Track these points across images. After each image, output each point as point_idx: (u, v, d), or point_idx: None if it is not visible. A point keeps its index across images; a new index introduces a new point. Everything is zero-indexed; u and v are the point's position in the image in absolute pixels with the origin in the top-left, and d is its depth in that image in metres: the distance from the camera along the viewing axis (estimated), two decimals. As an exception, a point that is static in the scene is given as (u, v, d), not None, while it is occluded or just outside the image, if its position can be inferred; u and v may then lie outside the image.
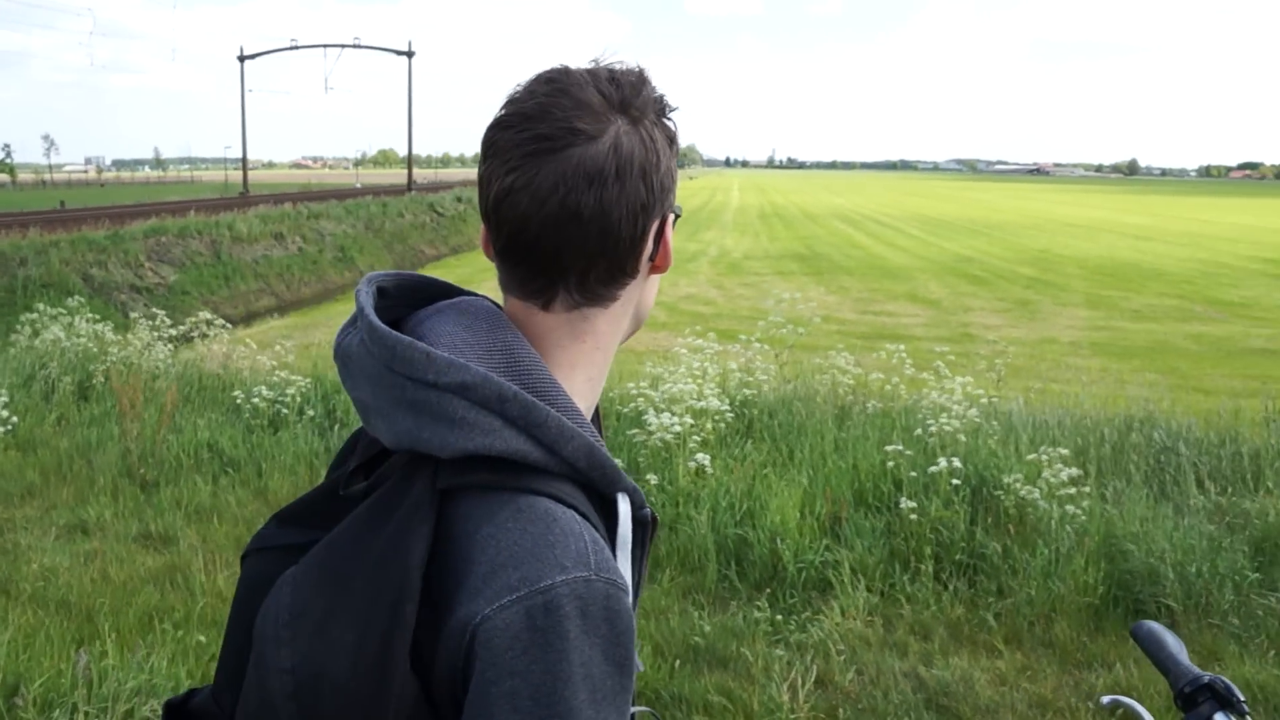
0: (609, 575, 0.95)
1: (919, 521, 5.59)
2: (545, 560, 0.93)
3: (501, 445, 0.98)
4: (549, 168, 1.03)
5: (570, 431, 1.00)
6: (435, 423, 0.99)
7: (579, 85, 1.06)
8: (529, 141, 1.04)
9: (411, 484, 1.00)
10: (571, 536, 0.96)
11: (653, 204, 1.09)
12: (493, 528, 0.96)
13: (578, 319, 1.11)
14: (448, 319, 1.09)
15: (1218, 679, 1.43)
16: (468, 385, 0.98)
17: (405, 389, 1.00)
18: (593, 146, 1.04)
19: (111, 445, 7.63)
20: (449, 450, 0.98)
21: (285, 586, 1.02)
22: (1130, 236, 50.43)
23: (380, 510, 1.00)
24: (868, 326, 21.04)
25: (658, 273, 1.18)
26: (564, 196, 1.03)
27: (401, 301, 1.15)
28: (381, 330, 1.02)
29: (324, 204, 41.72)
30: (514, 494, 0.98)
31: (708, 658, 4.71)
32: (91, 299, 21.15)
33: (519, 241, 1.06)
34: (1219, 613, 4.94)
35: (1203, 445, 7.02)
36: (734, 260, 35.21)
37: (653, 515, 1.11)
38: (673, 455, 6.52)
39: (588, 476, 1.02)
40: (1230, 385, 14.68)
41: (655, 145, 1.08)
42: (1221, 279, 31.52)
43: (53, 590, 5.37)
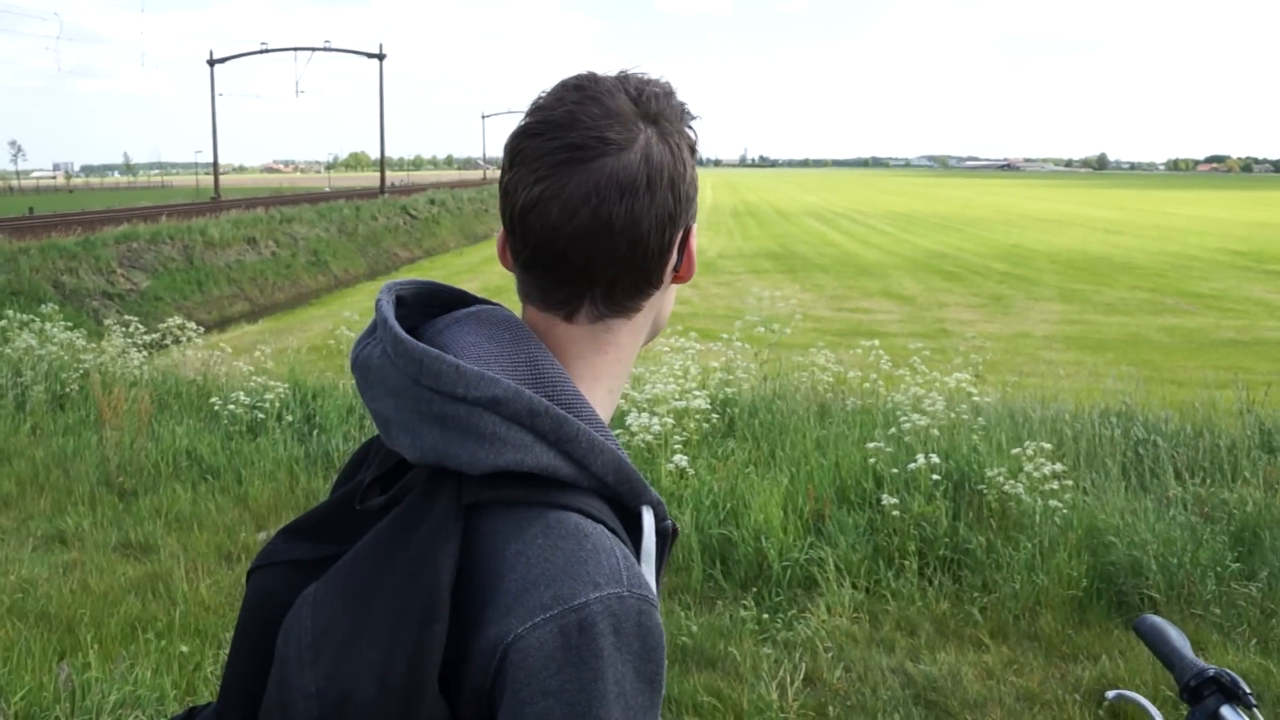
0: (641, 591, 0.94)
1: (902, 517, 5.61)
2: (579, 577, 0.92)
3: (533, 461, 0.96)
4: (580, 178, 1.01)
5: (600, 446, 0.99)
6: (464, 438, 0.96)
7: (609, 93, 1.05)
8: (559, 150, 1.02)
9: (435, 499, 0.98)
10: (604, 552, 0.94)
11: (679, 214, 1.07)
12: (521, 544, 0.95)
13: (601, 330, 1.09)
14: (469, 329, 1.07)
15: (1223, 671, 1.43)
16: (499, 400, 0.96)
17: (432, 403, 0.98)
18: (624, 156, 1.02)
19: (89, 454, 7.56)
20: (479, 466, 0.96)
21: (306, 606, 0.99)
22: (1101, 230, 50.74)
23: (403, 526, 0.98)
24: (843, 324, 21.08)
25: (680, 282, 1.16)
26: (596, 207, 1.01)
27: (418, 310, 1.13)
28: (409, 343, 1.00)
29: (296, 208, 41.50)
30: (542, 509, 0.96)
31: (696, 658, 4.71)
32: (63, 306, 20.99)
33: (546, 252, 1.04)
34: (1201, 603, 4.98)
35: (1180, 437, 7.07)
36: (709, 259, 35.18)
37: (674, 526, 1.10)
38: (655, 456, 6.51)
39: (615, 490, 1.01)
40: (1203, 376, 14.75)
41: (682, 155, 1.07)
42: (1192, 271, 31.75)
43: (32, 602, 5.30)
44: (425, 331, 1.10)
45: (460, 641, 0.93)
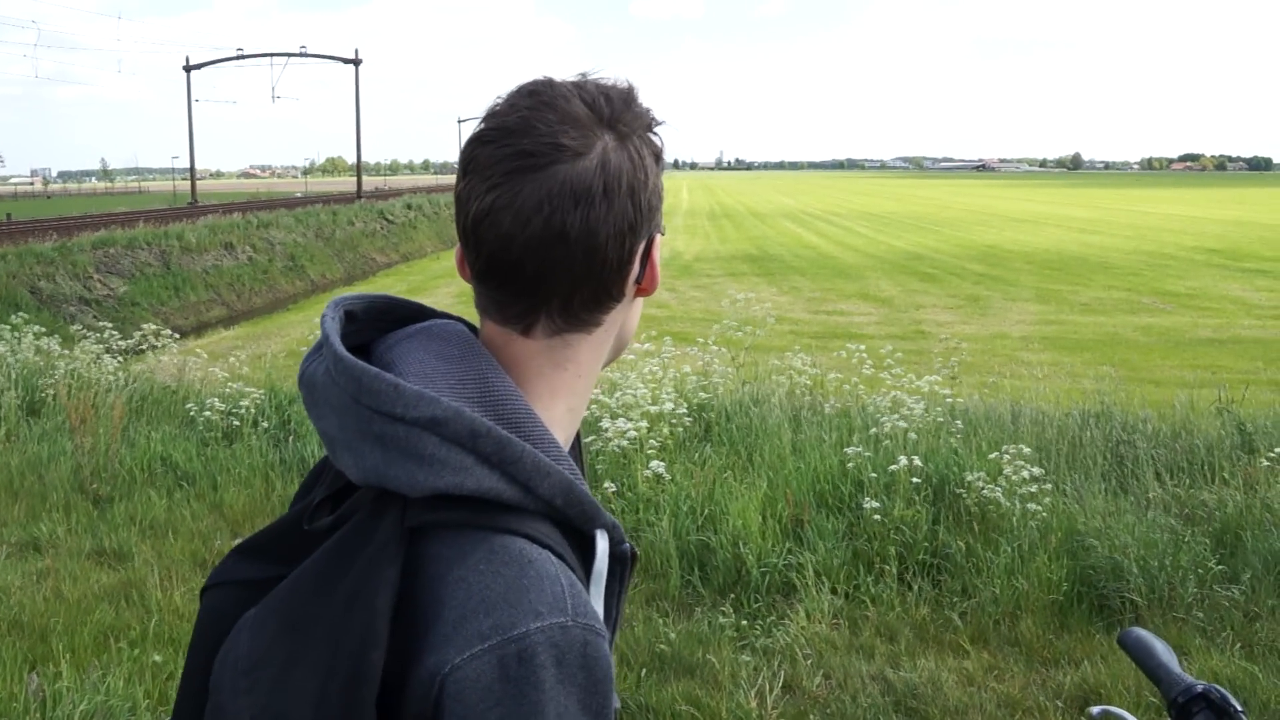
0: (586, 620, 0.90)
1: (881, 522, 5.59)
2: (519, 606, 0.88)
3: (473, 484, 0.92)
4: (533, 186, 0.97)
5: (546, 468, 0.95)
6: (404, 459, 0.93)
7: (564, 98, 1.01)
8: (511, 158, 0.98)
9: (379, 521, 0.94)
10: (547, 580, 0.90)
11: (640, 224, 1.03)
12: (464, 570, 0.91)
13: (559, 345, 1.06)
14: (419, 345, 1.04)
15: (1212, 688, 1.40)
16: (438, 420, 0.92)
17: (372, 422, 0.94)
18: (579, 163, 0.98)
19: (63, 460, 7.49)
20: (417, 489, 0.92)
21: (244, 632, 0.96)
22: (1076, 230, 50.99)
23: (345, 549, 0.94)
24: (821, 326, 21.10)
25: (644, 295, 1.12)
26: (549, 216, 0.97)
27: (370, 325, 1.10)
28: (347, 360, 0.97)
29: (273, 213, 41.39)
30: (487, 533, 0.93)
31: (674, 665, 4.68)
32: (39, 311, 20.85)
33: (500, 263, 1.00)
34: (1183, 606, 4.96)
35: (1159, 438, 7.07)
36: (686, 263, 35.20)
37: (632, 550, 1.06)
38: (631, 461, 6.48)
39: (565, 514, 0.97)
40: (1181, 376, 14.84)
41: (644, 162, 1.03)
42: (1168, 270, 31.91)
43: (4, 610, 5.26)
44: (377, 348, 1.07)
45: (400, 670, 0.89)
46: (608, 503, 6.15)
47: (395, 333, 1.08)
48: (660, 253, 1.08)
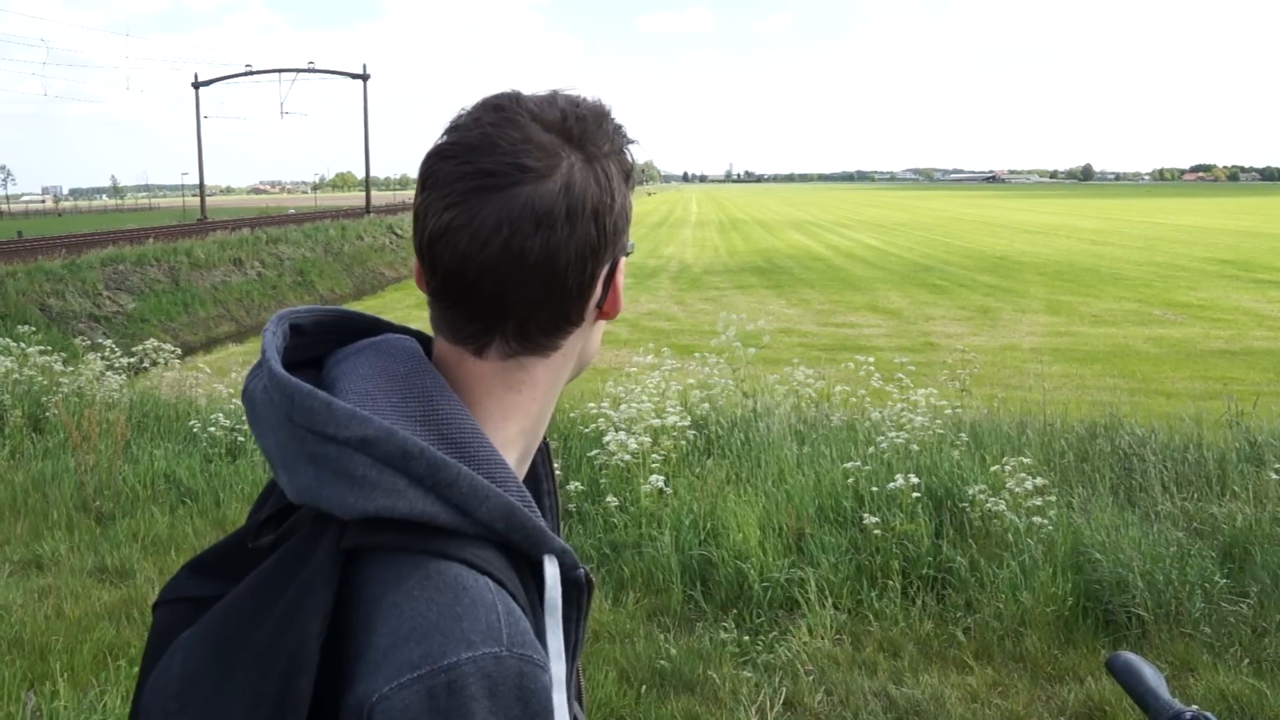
0: (523, 651, 0.86)
1: (884, 536, 5.54)
2: (450, 635, 0.84)
3: (405, 507, 0.88)
4: (492, 206, 0.94)
5: (485, 491, 0.91)
6: (335, 480, 0.90)
7: (529, 115, 0.98)
8: (471, 176, 0.95)
9: (316, 542, 0.91)
10: (481, 607, 0.86)
11: (604, 248, 1.00)
12: (398, 595, 0.87)
13: (514, 367, 1.02)
14: (364, 361, 1.01)
15: (1201, 715, 1.37)
16: (369, 440, 0.89)
17: (305, 441, 0.91)
18: (542, 185, 0.95)
19: (67, 478, 7.49)
20: (349, 511, 0.89)
21: (178, 654, 0.93)
22: (1087, 241, 50.89)
23: (281, 570, 0.91)
24: (829, 339, 21.07)
25: (605, 319, 1.08)
26: (508, 238, 0.94)
27: (321, 339, 1.07)
28: (281, 377, 0.94)
29: (282, 228, 41.56)
30: (423, 558, 0.89)
31: (674, 682, 4.63)
32: (49, 328, 20.93)
33: (455, 283, 0.97)
34: (1190, 621, 4.89)
35: (1167, 450, 7.01)
36: (694, 275, 35.24)
37: (587, 576, 1.02)
38: (633, 475, 6.45)
39: (508, 539, 0.93)
40: (1191, 388, 14.78)
41: (610, 184, 1.00)
42: (1179, 281, 31.81)
43: (5, 629, 5.25)
44: (328, 361, 1.04)
45: (332, 696, 0.86)
46: (609, 517, 6.12)
47: (345, 348, 1.05)
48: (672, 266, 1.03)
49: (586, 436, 7.38)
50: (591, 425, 7.35)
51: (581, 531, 6.14)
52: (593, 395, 8.25)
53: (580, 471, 6.80)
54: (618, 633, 5.10)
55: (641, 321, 23.90)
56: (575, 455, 7.18)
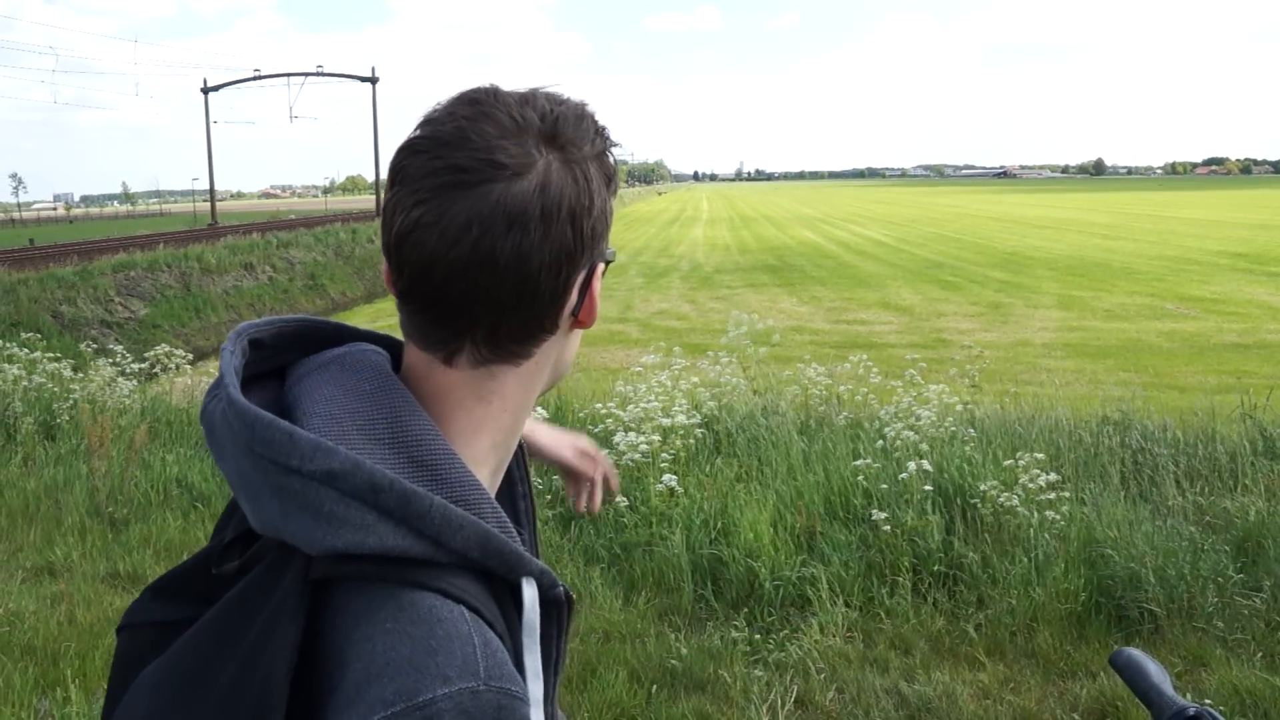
0: (501, 684, 0.82)
1: (895, 533, 5.52)
2: (425, 670, 0.80)
3: (375, 542, 0.85)
4: (463, 204, 0.90)
5: (458, 521, 0.87)
6: (300, 514, 0.86)
7: (507, 110, 0.94)
8: (442, 171, 0.91)
9: (283, 571, 0.87)
10: (457, 640, 0.82)
11: (580, 253, 0.96)
12: (370, 628, 0.84)
13: (484, 377, 0.99)
14: (328, 380, 0.97)
15: (1205, 711, 1.35)
16: (334, 474, 0.85)
17: (268, 472, 0.87)
18: (516, 184, 0.91)
19: (79, 484, 7.50)
20: (315, 546, 0.85)
21: (143, 692, 0.90)
22: (1099, 235, 50.72)
23: (247, 600, 0.88)
24: (841, 336, 21.02)
25: (581, 328, 1.04)
26: (478, 239, 0.90)
27: (284, 350, 1.03)
28: (240, 405, 0.90)
29: (293, 232, 41.67)
30: (395, 588, 0.85)
31: (685, 681, 4.62)
32: (61, 335, 21.01)
33: (423, 285, 0.93)
34: (1203, 616, 4.86)
35: (1180, 444, 6.98)
36: (706, 274, 35.21)
37: (567, 594, 0.99)
38: (644, 475, 6.44)
39: (485, 565, 0.89)
40: (1205, 382, 14.72)
41: (590, 186, 0.96)
42: (1191, 275, 31.67)
43: (18, 635, 5.24)
44: (289, 377, 1.00)
45: None
46: (620, 517, 6.12)
47: (307, 361, 1.02)
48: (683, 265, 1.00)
49: (596, 436, 7.37)
50: (601, 425, 7.35)
51: (592, 532, 6.14)
52: (602, 395, 8.25)
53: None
54: (629, 632, 5.08)
55: (653, 321, 23.89)
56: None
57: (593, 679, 4.62)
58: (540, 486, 6.55)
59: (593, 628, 5.15)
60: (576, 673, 4.69)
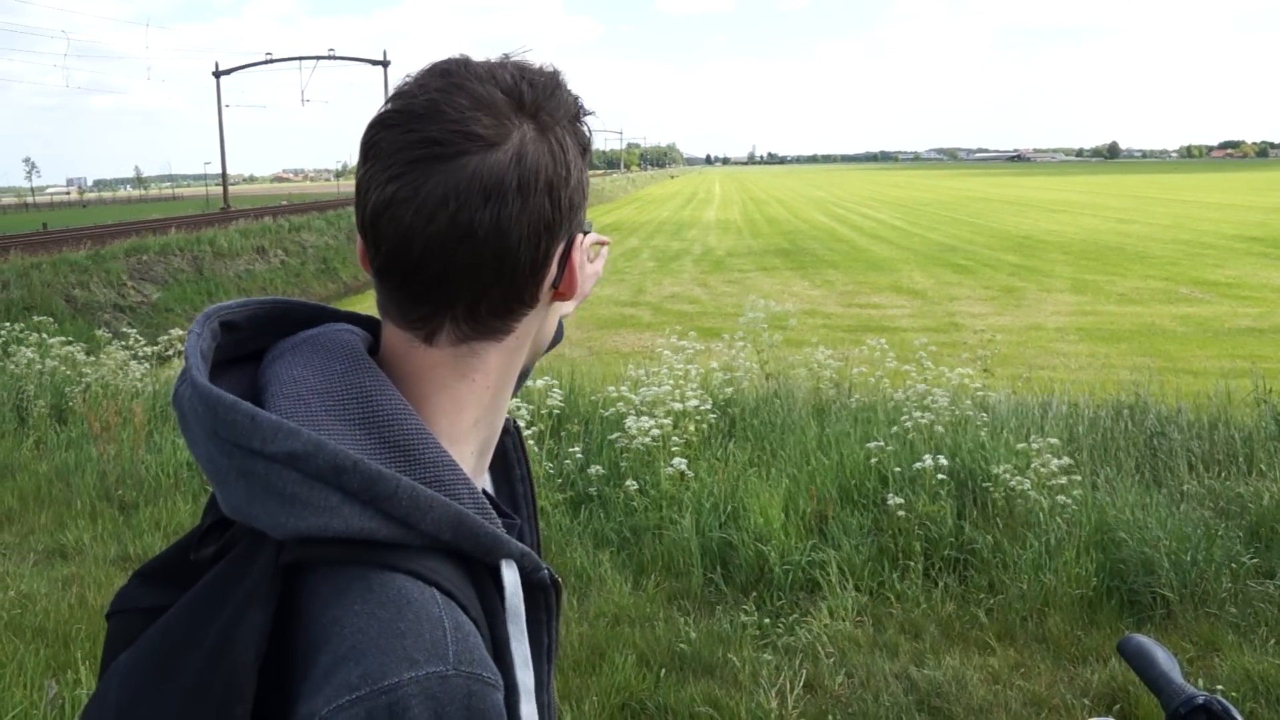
0: (471, 669, 0.80)
1: (906, 517, 5.50)
2: (392, 653, 0.78)
3: (340, 525, 0.82)
4: (438, 177, 0.88)
5: (428, 502, 0.85)
6: (265, 497, 0.84)
7: (480, 81, 0.91)
8: (416, 145, 0.89)
9: (254, 556, 0.86)
10: (426, 623, 0.81)
11: (559, 224, 0.94)
12: (339, 610, 0.82)
13: (465, 354, 0.96)
14: (300, 360, 0.95)
15: (1214, 699, 1.32)
16: (297, 455, 0.83)
17: (233, 456, 0.85)
18: (492, 155, 0.89)
19: (90, 468, 7.53)
20: (280, 530, 0.83)
21: (115, 678, 0.90)
22: (1113, 219, 50.45)
23: (219, 587, 0.87)
24: (853, 320, 20.96)
25: (562, 300, 1.02)
26: (455, 212, 0.88)
27: (260, 333, 1.01)
28: (203, 388, 0.88)
29: (305, 216, 41.70)
30: (365, 570, 0.83)
31: (694, 665, 4.61)
32: (74, 319, 21.07)
33: (399, 262, 0.91)
34: (1216, 601, 4.84)
35: (1194, 429, 6.94)
36: (718, 258, 35.14)
37: (552, 577, 0.96)
38: (655, 459, 6.43)
39: (458, 547, 0.88)
40: (1219, 366, 14.64)
41: (566, 156, 0.94)
42: (1206, 259, 31.48)
43: (29, 617, 5.26)
44: (263, 362, 0.98)
45: (281, 715, 0.81)
46: (630, 500, 6.11)
47: (281, 343, 0.99)
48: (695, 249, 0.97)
49: (607, 420, 7.36)
50: (612, 408, 7.33)
51: (602, 515, 6.13)
52: (613, 379, 8.23)
53: (601, 455, 6.78)
54: (637, 616, 5.08)
55: (665, 305, 23.85)
56: (596, 439, 7.16)
57: (601, 662, 4.61)
58: (551, 471, 6.55)
59: (602, 611, 5.15)
60: (585, 656, 4.69)
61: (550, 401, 6.93)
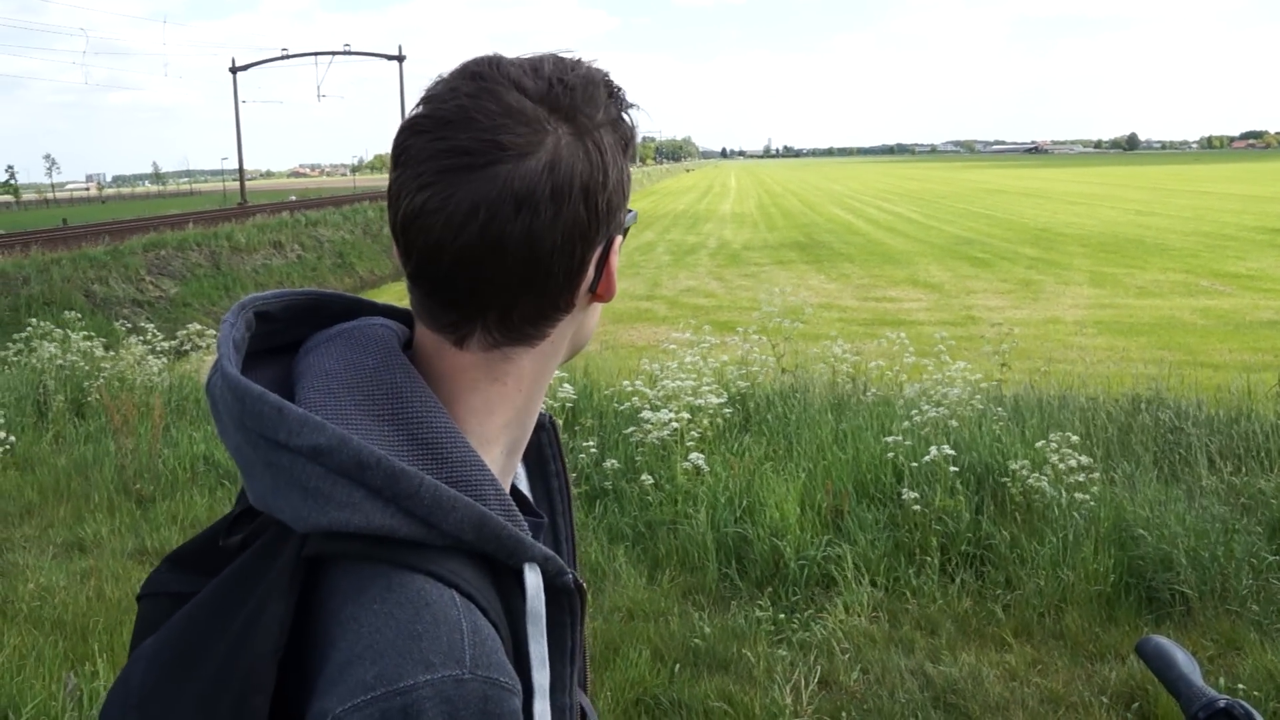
0: (488, 673, 0.79)
1: (923, 512, 5.48)
2: (408, 655, 0.78)
3: (360, 521, 0.82)
4: (468, 188, 0.86)
5: (450, 502, 0.84)
6: (289, 490, 0.84)
7: (512, 84, 0.89)
8: (445, 154, 0.87)
9: (280, 548, 0.86)
10: (444, 625, 0.80)
11: (596, 229, 0.92)
12: (357, 608, 0.81)
13: (497, 359, 0.95)
14: (333, 353, 0.94)
15: (1235, 703, 1.30)
16: (320, 449, 0.82)
17: (259, 447, 0.85)
18: (524, 164, 0.86)
19: (108, 461, 7.57)
20: (302, 523, 0.83)
21: (139, 663, 0.90)
22: (1132, 211, 50.18)
23: (244, 576, 0.87)
24: (869, 313, 20.90)
25: (601, 301, 1.00)
26: (485, 224, 0.86)
27: (296, 324, 1.01)
28: (233, 378, 0.88)
29: (321, 211, 41.83)
30: (387, 568, 0.83)
31: (708, 660, 4.60)
32: (93, 314, 21.18)
33: (431, 270, 0.90)
34: (1236, 598, 4.79)
35: (1213, 423, 6.89)
36: (734, 251, 35.10)
37: (577, 583, 0.94)
38: (670, 453, 6.42)
39: (480, 549, 0.86)
40: (1240, 359, 14.55)
41: (604, 158, 0.91)
42: (1227, 251, 31.26)
43: (48, 610, 5.29)
44: (299, 352, 0.98)
45: (298, 711, 0.81)
46: (645, 495, 6.10)
47: (316, 336, 0.99)
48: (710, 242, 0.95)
49: (622, 414, 7.35)
50: (627, 403, 7.32)
51: (617, 510, 6.13)
52: (629, 372, 8.22)
53: (616, 449, 6.77)
54: (652, 611, 5.07)
55: (680, 298, 23.83)
56: (611, 433, 7.15)
57: (615, 658, 4.60)
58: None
59: (616, 606, 5.14)
60: (599, 651, 4.68)
61: (561, 394, 6.93)
